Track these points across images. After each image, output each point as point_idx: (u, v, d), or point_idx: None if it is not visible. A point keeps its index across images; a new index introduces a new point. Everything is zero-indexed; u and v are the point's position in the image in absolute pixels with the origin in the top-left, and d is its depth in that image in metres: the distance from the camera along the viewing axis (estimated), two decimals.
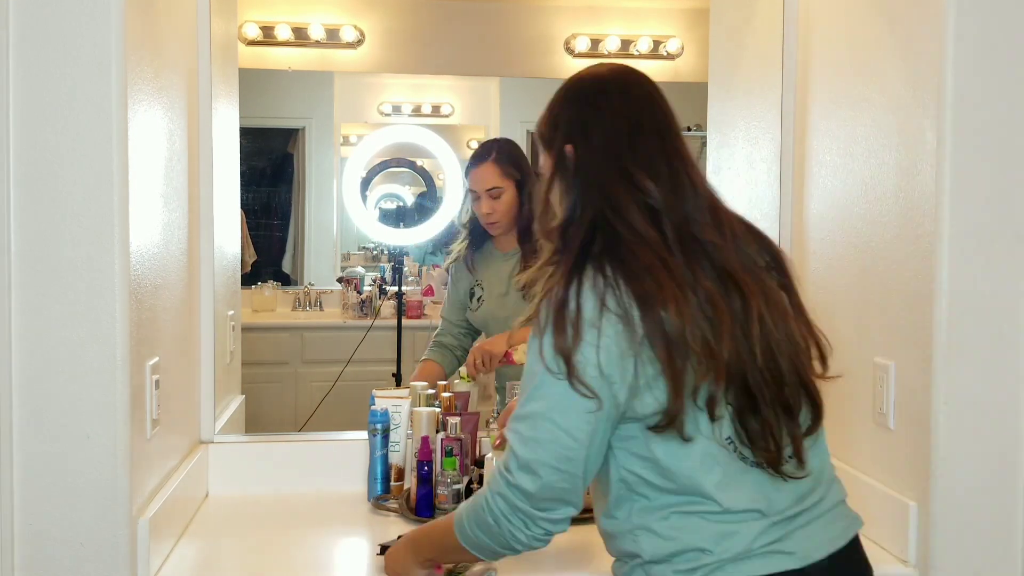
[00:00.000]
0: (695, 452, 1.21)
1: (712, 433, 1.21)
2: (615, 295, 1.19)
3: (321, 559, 1.71)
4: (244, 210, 3.15)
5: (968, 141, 1.52)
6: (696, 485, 1.21)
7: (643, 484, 1.24)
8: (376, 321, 3.67)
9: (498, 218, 2.39)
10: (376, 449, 1.95)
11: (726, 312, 1.21)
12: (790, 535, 1.23)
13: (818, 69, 1.99)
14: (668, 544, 1.22)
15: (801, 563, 1.22)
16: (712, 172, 2.51)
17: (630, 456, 1.24)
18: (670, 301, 1.17)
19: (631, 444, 1.23)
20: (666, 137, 1.29)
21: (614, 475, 1.26)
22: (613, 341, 1.18)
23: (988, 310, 1.55)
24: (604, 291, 1.19)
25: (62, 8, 1.39)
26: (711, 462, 1.22)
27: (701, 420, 1.21)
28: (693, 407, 1.20)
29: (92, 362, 1.41)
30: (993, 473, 1.56)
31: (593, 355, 1.18)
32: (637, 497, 1.25)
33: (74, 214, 1.40)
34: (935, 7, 1.54)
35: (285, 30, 3.92)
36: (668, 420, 1.18)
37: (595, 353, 1.18)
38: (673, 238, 1.23)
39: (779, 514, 1.24)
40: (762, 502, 1.23)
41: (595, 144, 1.27)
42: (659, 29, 4.08)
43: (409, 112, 4.27)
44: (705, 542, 1.21)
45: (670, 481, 1.22)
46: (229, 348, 2.25)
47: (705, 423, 1.21)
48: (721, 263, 1.24)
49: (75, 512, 1.42)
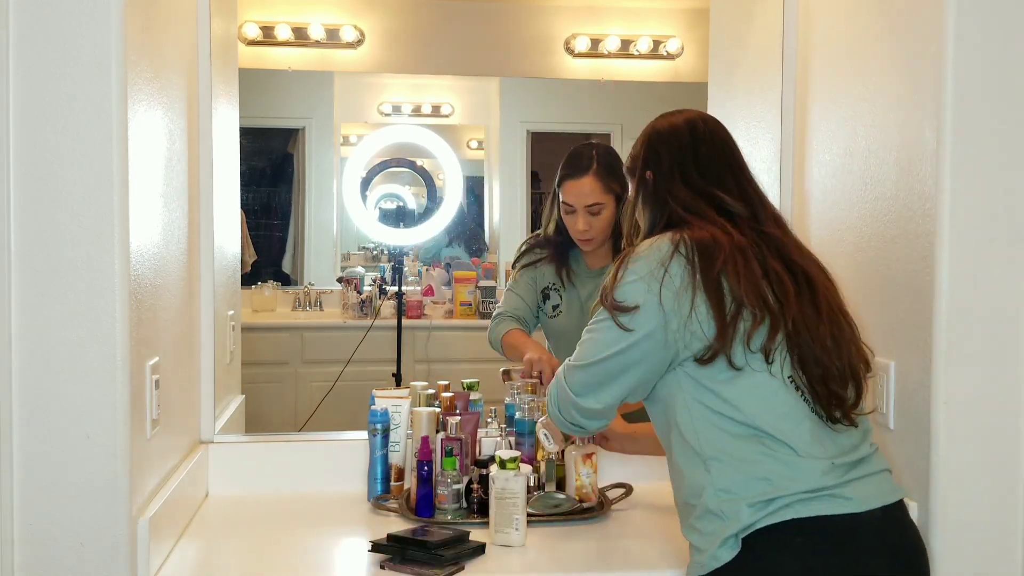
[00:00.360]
0: (756, 383, 1.38)
1: (770, 369, 1.38)
2: (684, 248, 1.41)
3: (321, 559, 1.71)
4: (244, 210, 3.15)
5: (968, 141, 1.52)
6: (761, 416, 1.37)
7: (712, 415, 1.39)
8: (376, 321, 3.67)
9: (594, 235, 2.19)
10: (376, 449, 1.95)
11: (792, 287, 1.40)
12: (848, 483, 1.36)
13: (818, 69, 1.99)
14: (738, 476, 1.36)
15: (859, 508, 1.35)
16: None
17: (698, 390, 1.40)
18: (729, 262, 1.38)
19: (695, 383, 1.40)
20: (731, 157, 1.54)
21: (684, 415, 1.41)
22: (677, 275, 1.39)
23: (988, 310, 1.55)
24: (675, 246, 1.41)
25: (62, 8, 1.39)
26: (772, 396, 1.38)
27: (753, 359, 1.38)
28: (744, 349, 1.37)
29: (92, 362, 1.41)
30: (993, 473, 1.56)
31: (656, 287, 1.39)
32: (709, 429, 1.39)
33: (74, 214, 1.40)
34: (935, 7, 1.54)
35: (285, 30, 3.92)
36: (712, 354, 1.36)
37: (658, 285, 1.39)
38: (743, 226, 1.45)
39: (838, 458, 1.38)
40: (821, 446, 1.38)
41: (666, 167, 1.53)
42: (659, 29, 4.08)
43: (409, 112, 4.28)
44: (774, 476, 1.35)
45: (737, 410, 1.37)
46: (229, 348, 2.25)
47: (759, 362, 1.38)
48: (788, 256, 1.45)
49: (75, 512, 1.42)
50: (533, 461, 1.93)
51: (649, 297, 1.39)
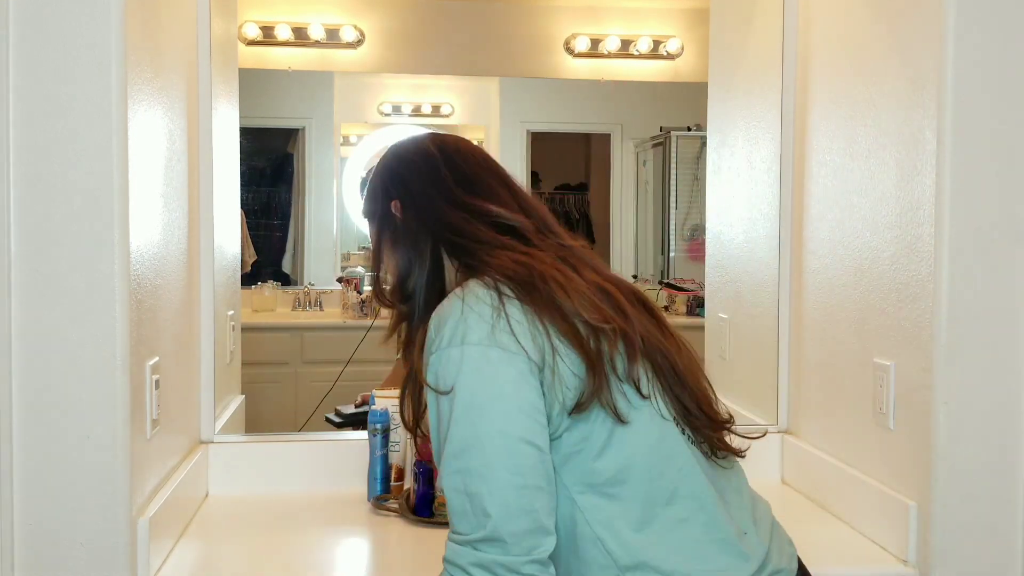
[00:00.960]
0: (641, 436, 1.13)
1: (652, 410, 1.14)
2: (499, 292, 1.13)
3: (321, 559, 1.70)
4: (244, 210, 3.15)
5: (968, 141, 1.52)
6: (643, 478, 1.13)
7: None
8: (376, 321, 3.67)
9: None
10: (376, 449, 1.95)
11: (621, 295, 1.17)
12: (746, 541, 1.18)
13: (818, 69, 1.99)
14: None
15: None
16: (712, 172, 2.51)
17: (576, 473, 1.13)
18: (550, 281, 1.13)
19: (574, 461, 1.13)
20: (495, 168, 1.29)
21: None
22: (517, 318, 1.11)
23: (988, 310, 1.55)
24: (489, 293, 1.13)
25: (62, 8, 1.39)
26: (662, 446, 1.14)
27: (631, 395, 1.13)
28: (616, 381, 1.12)
29: (92, 362, 1.41)
30: (993, 473, 1.56)
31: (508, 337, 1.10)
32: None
33: (74, 214, 1.40)
34: (935, 7, 1.54)
35: (285, 30, 3.92)
36: (591, 392, 1.10)
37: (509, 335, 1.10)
38: (536, 240, 1.21)
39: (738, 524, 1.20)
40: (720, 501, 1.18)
41: (417, 189, 1.26)
42: (659, 29, 4.08)
43: (409, 112, 4.27)
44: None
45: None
46: (229, 348, 2.25)
47: (638, 400, 1.13)
48: (601, 269, 1.23)
49: (75, 512, 1.42)
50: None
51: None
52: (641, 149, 4.15)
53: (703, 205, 2.60)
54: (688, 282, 3.87)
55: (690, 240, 4.00)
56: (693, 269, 3.89)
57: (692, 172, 3.98)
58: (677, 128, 3.97)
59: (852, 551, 1.70)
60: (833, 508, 1.88)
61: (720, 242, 2.47)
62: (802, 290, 2.06)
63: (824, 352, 1.95)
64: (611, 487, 1.12)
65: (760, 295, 2.22)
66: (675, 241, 4.05)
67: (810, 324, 2.02)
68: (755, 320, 2.26)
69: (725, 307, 2.44)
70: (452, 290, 1.18)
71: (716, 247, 2.49)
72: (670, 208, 4.04)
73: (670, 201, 4.04)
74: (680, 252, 4.05)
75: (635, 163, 4.18)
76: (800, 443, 2.05)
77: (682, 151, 3.97)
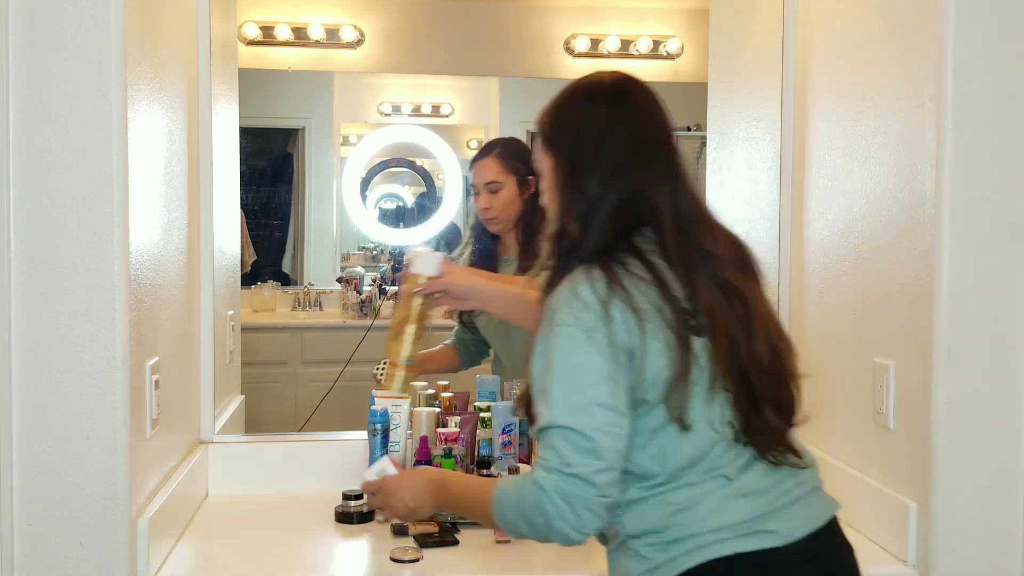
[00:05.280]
0: (693, 439, 1.24)
1: (709, 418, 1.24)
2: (619, 291, 1.23)
3: (321, 559, 1.70)
4: (244, 210, 3.15)
5: (968, 141, 1.52)
6: (692, 468, 1.24)
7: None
8: (376, 321, 3.67)
9: (496, 214, 2.27)
10: (376, 449, 1.94)
11: (721, 322, 1.25)
12: (774, 515, 1.25)
13: (818, 70, 1.99)
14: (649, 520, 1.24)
15: (782, 542, 1.23)
16: (712, 172, 2.51)
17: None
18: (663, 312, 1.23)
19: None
20: (664, 145, 1.36)
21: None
22: (621, 318, 1.21)
23: (988, 310, 1.55)
24: (608, 286, 1.23)
25: (62, 8, 1.39)
26: (708, 447, 1.24)
27: (698, 403, 1.23)
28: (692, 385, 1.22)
29: (92, 362, 1.41)
30: (993, 473, 1.56)
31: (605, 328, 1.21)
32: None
33: (74, 213, 1.40)
34: (935, 7, 1.54)
35: (285, 30, 3.91)
36: (671, 390, 1.21)
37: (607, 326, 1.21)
38: (672, 245, 1.28)
39: (767, 494, 1.26)
40: (758, 484, 1.26)
41: (593, 152, 1.31)
42: (659, 29, 4.08)
43: (409, 112, 4.27)
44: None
45: (663, 467, 1.25)
46: (229, 348, 2.25)
47: (701, 407, 1.23)
48: (720, 273, 1.28)
49: (75, 512, 1.42)
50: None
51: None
52: None
53: None
54: None
55: None
56: None
57: (692, 172, 3.97)
58: (677, 128, 3.97)
59: None
60: None
61: None
62: (802, 290, 2.06)
63: (824, 352, 1.95)
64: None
65: None
66: None
67: (810, 324, 2.02)
68: None
69: None
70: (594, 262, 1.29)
71: None
72: None
73: None
74: None
75: None
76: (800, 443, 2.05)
77: (682, 151, 3.98)
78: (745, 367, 1.25)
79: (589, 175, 1.29)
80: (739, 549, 1.21)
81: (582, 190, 1.29)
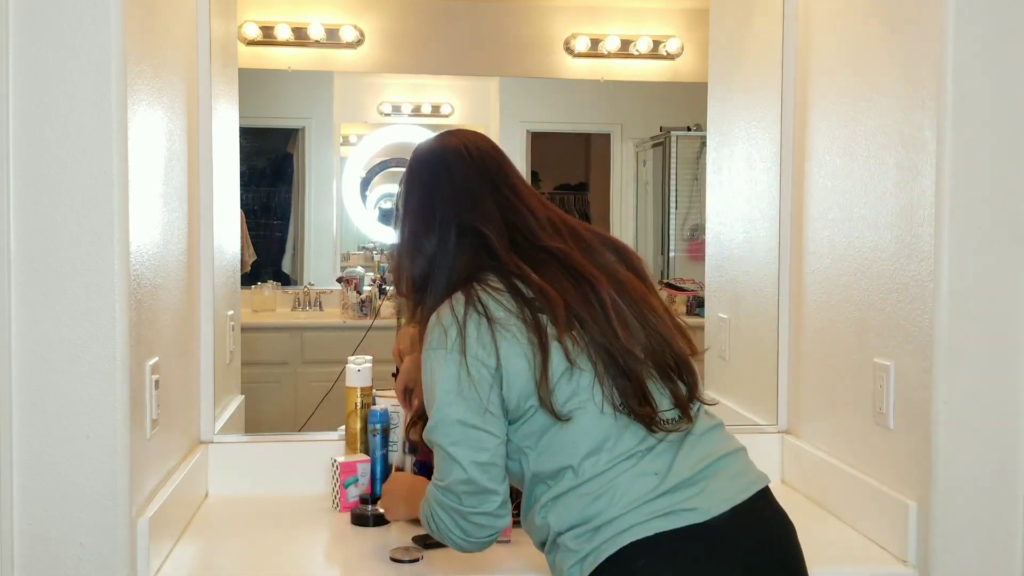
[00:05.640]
0: (581, 427, 1.30)
1: (584, 402, 1.30)
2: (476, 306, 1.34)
3: (321, 559, 1.70)
4: (244, 210, 3.15)
5: (968, 141, 1.52)
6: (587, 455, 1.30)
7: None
8: (376, 321, 3.67)
9: None
10: (376, 449, 1.94)
11: (558, 299, 1.33)
12: (691, 491, 1.29)
13: (818, 69, 1.99)
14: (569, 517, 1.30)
15: (704, 517, 1.26)
16: (712, 172, 2.51)
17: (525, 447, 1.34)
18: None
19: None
20: (496, 176, 1.47)
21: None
22: (476, 333, 1.31)
23: (988, 310, 1.55)
24: (465, 305, 1.34)
25: (62, 8, 1.39)
26: (602, 431, 1.30)
27: (566, 390, 1.30)
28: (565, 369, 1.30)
29: (92, 362, 1.41)
30: (993, 473, 1.56)
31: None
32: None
33: (74, 213, 1.40)
34: (935, 7, 1.54)
35: (285, 30, 3.91)
36: (539, 386, 1.29)
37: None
38: (503, 250, 1.38)
39: (677, 477, 1.30)
40: (665, 460, 1.31)
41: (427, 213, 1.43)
42: (659, 29, 4.08)
43: (409, 112, 4.27)
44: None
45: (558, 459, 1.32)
46: (229, 348, 2.25)
47: (572, 394, 1.30)
48: (569, 263, 1.37)
49: (75, 512, 1.42)
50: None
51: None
52: (641, 149, 4.15)
53: (703, 205, 2.60)
54: (688, 282, 3.86)
55: (690, 240, 4.00)
56: (693, 269, 3.88)
57: (692, 172, 3.97)
58: (677, 128, 3.96)
59: (852, 551, 1.70)
60: (833, 508, 1.88)
61: (720, 242, 2.47)
62: (802, 290, 2.06)
63: (824, 352, 1.95)
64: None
65: (760, 295, 2.22)
66: (675, 241, 4.04)
67: (810, 324, 2.02)
68: (755, 320, 2.26)
69: (725, 307, 2.44)
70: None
71: (716, 247, 2.49)
72: (670, 208, 4.04)
73: (670, 201, 4.03)
74: (680, 252, 4.04)
75: (635, 163, 4.18)
76: (800, 443, 2.05)
77: (682, 151, 3.97)
78: (605, 345, 1.31)
79: (429, 233, 1.42)
80: (660, 529, 1.25)
81: (424, 250, 1.42)
